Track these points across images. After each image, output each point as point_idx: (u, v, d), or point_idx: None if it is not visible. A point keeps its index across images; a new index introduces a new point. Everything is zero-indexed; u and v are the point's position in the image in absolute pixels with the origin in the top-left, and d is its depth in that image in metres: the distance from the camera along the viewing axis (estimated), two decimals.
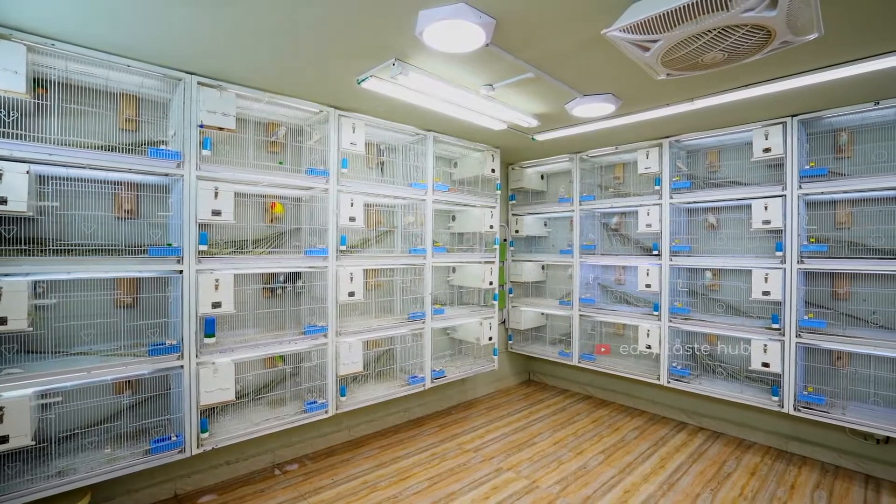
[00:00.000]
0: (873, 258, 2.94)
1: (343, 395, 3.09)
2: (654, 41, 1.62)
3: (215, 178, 2.51)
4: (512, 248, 4.93)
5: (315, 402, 2.97)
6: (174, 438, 2.37)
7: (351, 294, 3.08)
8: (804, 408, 3.07)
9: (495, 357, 4.18)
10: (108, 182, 2.43)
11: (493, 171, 4.07)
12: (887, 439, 3.02)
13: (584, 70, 2.41)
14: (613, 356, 4.33)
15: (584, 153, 4.27)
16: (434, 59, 2.28)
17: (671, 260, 3.68)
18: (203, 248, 2.44)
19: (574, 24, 1.91)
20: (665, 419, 4.07)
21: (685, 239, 3.80)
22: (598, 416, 4.17)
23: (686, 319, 3.62)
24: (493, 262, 4.11)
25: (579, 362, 4.30)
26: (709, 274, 3.79)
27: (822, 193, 3.07)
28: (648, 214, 3.73)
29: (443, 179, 4.07)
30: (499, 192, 4.19)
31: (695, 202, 3.66)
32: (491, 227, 4.03)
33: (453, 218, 4.25)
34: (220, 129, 2.48)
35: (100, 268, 2.19)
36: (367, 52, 2.23)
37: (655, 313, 3.74)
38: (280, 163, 3.07)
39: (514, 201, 4.91)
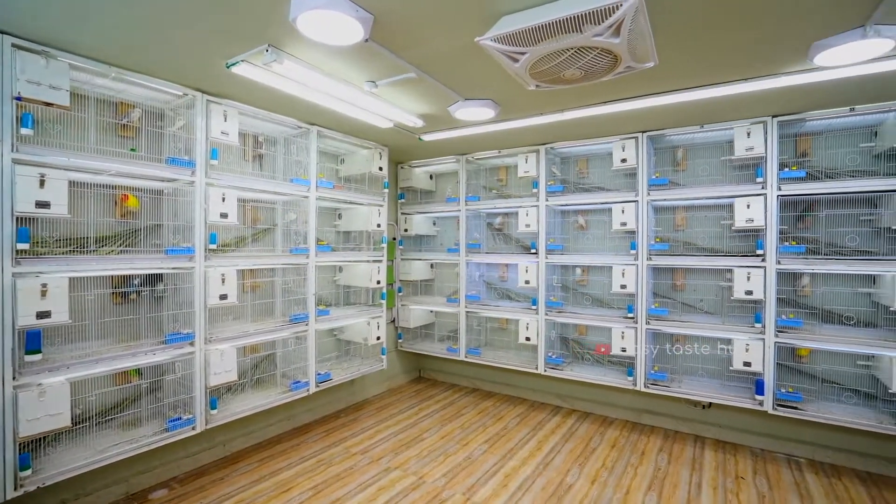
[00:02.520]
0: (701, 255, 3.51)
1: (214, 408, 2.81)
2: (523, 53, 1.73)
3: (41, 162, 2.10)
4: (401, 247, 4.94)
5: (179, 419, 2.66)
6: None
7: (223, 297, 2.82)
8: (652, 384, 3.55)
9: (384, 356, 4.16)
10: None
11: (380, 169, 4.03)
12: (710, 404, 3.62)
13: (465, 75, 2.50)
14: (497, 349, 4.58)
15: (470, 155, 4.44)
16: (313, 49, 2.17)
17: (547, 258, 4.00)
18: (23, 246, 2.03)
19: (452, 30, 1.96)
20: (543, 405, 4.41)
21: (559, 238, 4.16)
22: (483, 407, 4.37)
23: (560, 312, 3.96)
24: (381, 261, 4.08)
25: (466, 357, 4.47)
26: (579, 270, 4.19)
27: (665, 200, 3.57)
28: (527, 215, 4.01)
29: (328, 176, 3.93)
30: (387, 190, 4.16)
31: (567, 205, 4.02)
32: (379, 225, 4.00)
33: (339, 216, 4.12)
34: (48, 104, 2.08)
35: None
36: (237, 35, 2.05)
37: (533, 307, 4.03)
38: (132, 150, 2.68)
39: (403, 200, 4.93)
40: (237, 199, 2.90)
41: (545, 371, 4.00)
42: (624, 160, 3.59)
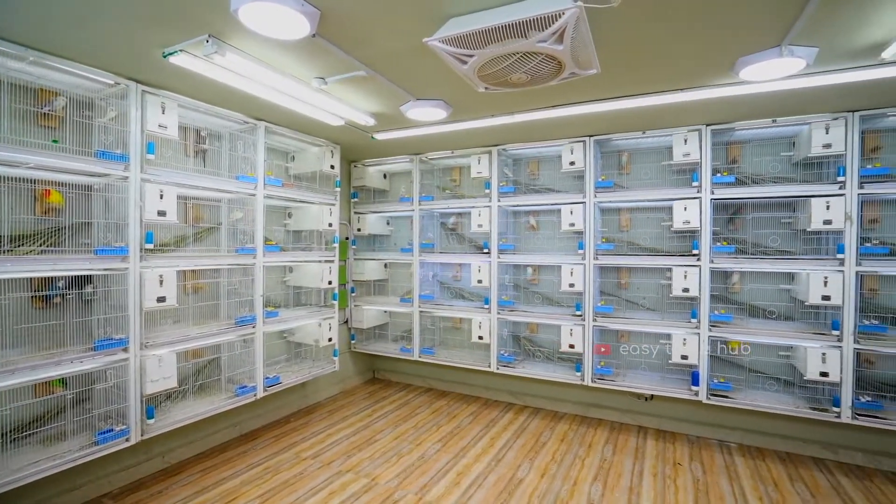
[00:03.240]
0: (644, 255, 3.69)
1: (151, 417, 2.66)
2: (470, 56, 1.75)
3: None
4: (354, 247, 4.87)
5: (111, 431, 2.49)
6: None
7: (161, 299, 2.67)
8: (599, 379, 3.70)
9: (336, 358, 4.08)
10: None
11: (332, 167, 3.95)
12: (652, 396, 3.81)
13: (416, 75, 2.49)
14: (450, 348, 4.61)
15: (424, 155, 4.44)
16: (258, 43, 2.10)
17: (499, 257, 4.07)
18: None
19: (401, 29, 1.95)
20: (496, 402, 4.48)
21: (511, 238, 4.25)
22: (437, 406, 4.39)
23: (512, 311, 4.05)
24: (333, 261, 4.00)
25: (420, 357, 4.47)
26: (530, 269, 4.30)
27: (611, 202, 3.73)
28: (480, 215, 4.06)
29: (277, 173, 3.81)
30: (339, 189, 4.09)
31: (518, 205, 4.11)
32: (331, 224, 3.92)
33: (290, 215, 4.00)
34: None
35: None
36: (174, 23, 1.94)
37: (486, 307, 4.09)
38: (54, 141, 2.48)
39: (356, 199, 4.86)
40: (177, 196, 2.75)
41: (498, 369, 4.07)
42: (572, 163, 3.71)
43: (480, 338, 4.06)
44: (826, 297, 2.98)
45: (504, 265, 4.16)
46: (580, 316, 3.73)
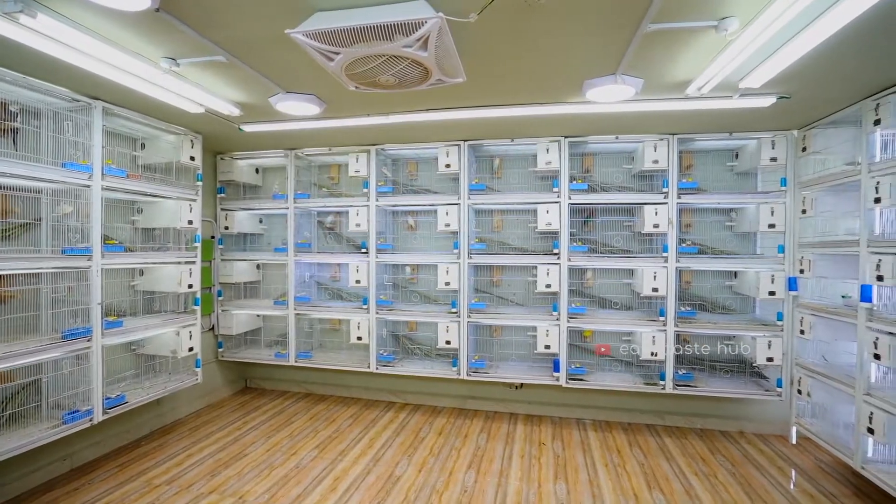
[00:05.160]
0: (513, 254, 3.98)
1: None
2: (337, 53, 1.71)
3: None
4: (221, 247, 4.46)
5: None
6: None
7: None
8: (474, 372, 3.90)
9: (199, 369, 3.69)
10: None
11: (192, 158, 3.56)
12: (521, 385, 4.14)
13: (285, 67, 2.36)
14: (329, 351, 4.48)
15: (300, 151, 4.24)
16: (91, 11, 1.80)
17: (377, 257, 4.06)
18: None
19: (262, 16, 1.83)
20: (377, 402, 4.47)
21: (389, 238, 4.26)
22: (316, 411, 4.23)
23: (391, 310, 4.06)
24: (194, 262, 3.61)
25: (296, 362, 4.26)
26: (408, 269, 4.36)
27: (484, 204, 3.95)
28: (358, 215, 4.00)
29: (121, 162, 3.31)
30: (201, 182, 3.70)
31: (396, 205, 4.15)
32: (191, 222, 3.53)
33: (139, 210, 3.51)
34: None
35: None
36: None
37: (364, 307, 4.05)
38: None
39: (223, 195, 4.44)
40: None
41: (377, 369, 4.06)
42: (448, 165, 3.85)
43: (359, 338, 4.01)
44: (655, 289, 3.53)
45: (383, 265, 4.16)
46: (455, 313, 3.89)
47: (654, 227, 3.55)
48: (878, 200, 2.56)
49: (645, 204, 3.60)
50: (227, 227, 4.39)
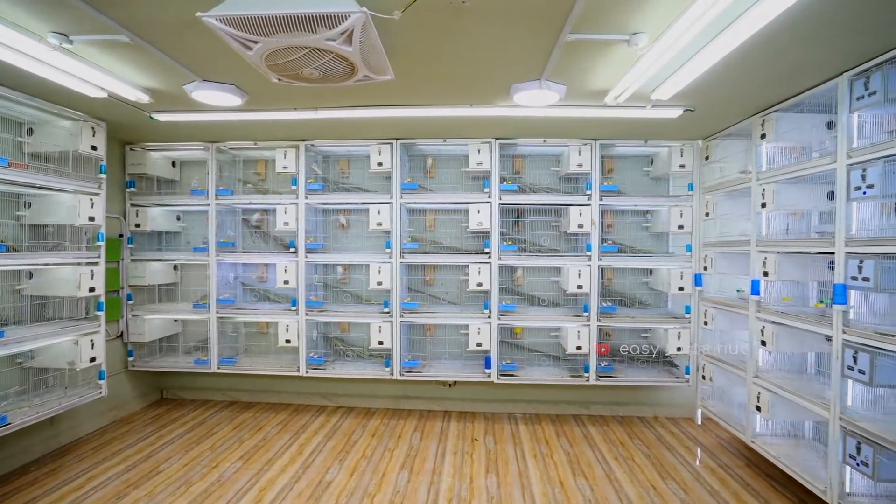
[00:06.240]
0: (446, 253, 4.02)
1: None
2: (255, 42, 1.62)
3: None
4: (130, 246, 4.07)
5: None
6: None
7: None
8: (407, 372, 3.88)
9: (103, 382, 3.35)
10: None
11: (94, 148, 3.22)
12: (454, 382, 4.18)
13: (201, 53, 2.20)
14: (255, 355, 4.26)
15: (222, 144, 3.98)
16: None
17: (307, 257, 3.92)
18: None
19: None
20: (308, 407, 4.31)
21: (320, 237, 4.13)
22: (241, 420, 4.00)
23: (321, 311, 3.94)
24: (97, 263, 3.27)
25: (219, 368, 4.01)
26: (340, 269, 4.25)
27: (416, 203, 3.94)
28: (286, 213, 3.84)
29: (2, 149, 2.92)
30: (104, 175, 3.35)
31: (327, 203, 4.03)
32: (92, 218, 3.19)
33: (28, 205, 3.12)
34: None
35: None
36: None
37: (293, 308, 3.90)
38: None
39: (133, 189, 4.07)
40: None
41: (307, 372, 3.92)
42: (380, 164, 3.80)
43: (288, 341, 3.85)
44: (580, 286, 3.71)
45: (313, 265, 4.03)
46: (388, 313, 3.85)
47: (579, 228, 3.73)
48: (764, 205, 2.88)
49: (570, 205, 3.78)
50: (138, 225, 4.02)
